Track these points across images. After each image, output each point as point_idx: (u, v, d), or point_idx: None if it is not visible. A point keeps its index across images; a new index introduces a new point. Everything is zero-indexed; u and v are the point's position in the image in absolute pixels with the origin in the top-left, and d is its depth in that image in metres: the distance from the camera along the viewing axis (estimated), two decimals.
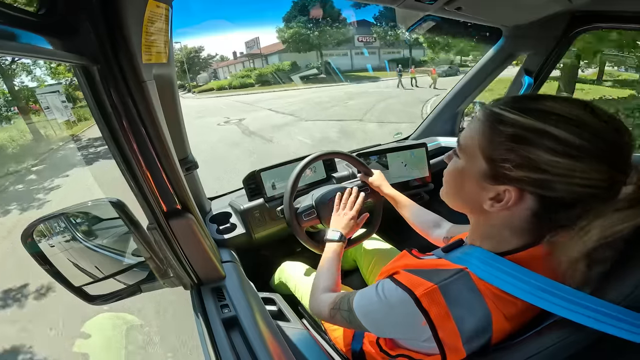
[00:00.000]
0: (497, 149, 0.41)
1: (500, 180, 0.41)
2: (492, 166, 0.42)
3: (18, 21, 0.38)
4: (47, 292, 2.67)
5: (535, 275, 0.41)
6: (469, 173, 0.45)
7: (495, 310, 0.42)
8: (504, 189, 0.41)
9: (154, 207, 0.63)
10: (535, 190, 0.40)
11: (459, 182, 0.47)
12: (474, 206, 0.46)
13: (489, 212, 0.44)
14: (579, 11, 0.96)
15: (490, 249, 0.45)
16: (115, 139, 0.55)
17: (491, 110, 0.43)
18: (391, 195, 0.95)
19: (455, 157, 0.48)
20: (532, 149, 0.38)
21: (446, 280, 0.44)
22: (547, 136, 0.37)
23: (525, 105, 0.40)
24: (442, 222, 0.83)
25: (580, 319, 0.36)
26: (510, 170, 0.40)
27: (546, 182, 0.38)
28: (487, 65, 1.30)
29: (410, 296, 0.44)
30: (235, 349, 0.63)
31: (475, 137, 0.44)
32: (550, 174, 0.38)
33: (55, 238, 0.72)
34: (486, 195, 0.43)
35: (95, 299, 0.73)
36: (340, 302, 0.59)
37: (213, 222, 1.11)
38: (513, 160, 0.39)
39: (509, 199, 0.41)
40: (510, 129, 0.40)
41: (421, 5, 0.87)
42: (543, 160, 0.38)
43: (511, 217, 0.43)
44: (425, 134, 1.55)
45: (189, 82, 28.57)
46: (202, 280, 0.79)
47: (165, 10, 0.55)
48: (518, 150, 0.39)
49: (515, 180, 0.40)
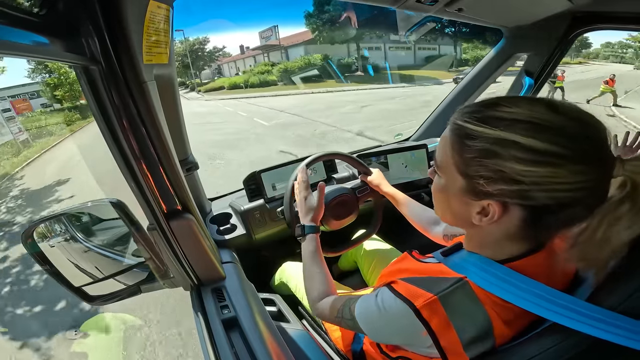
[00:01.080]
0: (470, 165, 0.40)
1: (480, 195, 0.41)
2: (469, 182, 0.41)
3: (19, 21, 0.38)
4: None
5: (534, 282, 0.41)
6: (451, 190, 0.45)
7: (495, 317, 0.42)
8: (487, 203, 0.41)
9: (154, 208, 0.63)
10: (517, 202, 0.39)
11: (445, 199, 0.47)
12: (465, 221, 0.45)
13: (478, 226, 0.43)
14: (580, 12, 0.96)
15: (490, 256, 0.45)
16: (116, 140, 0.55)
17: (457, 124, 0.42)
18: (390, 194, 0.95)
19: (437, 175, 0.47)
20: (502, 162, 0.37)
21: (446, 291, 0.43)
22: (514, 146, 0.36)
23: (488, 114, 0.39)
24: (440, 220, 0.83)
25: (577, 325, 0.36)
26: (487, 186, 0.39)
27: (524, 192, 0.37)
28: (488, 66, 1.30)
29: (410, 307, 0.44)
30: (235, 350, 0.63)
31: (449, 153, 0.43)
32: (525, 184, 0.37)
33: (55, 238, 0.73)
34: (473, 210, 0.43)
35: (95, 299, 0.73)
36: (343, 309, 0.58)
37: (213, 222, 1.11)
38: (487, 176, 0.39)
39: (494, 213, 0.40)
40: (478, 144, 0.39)
41: (422, 6, 0.87)
42: (515, 172, 0.37)
43: (502, 228, 0.42)
44: (426, 135, 1.55)
45: (192, 79, 24.51)
46: (202, 281, 0.79)
47: (166, 11, 0.56)
48: (489, 165, 0.38)
49: (494, 194, 0.39)
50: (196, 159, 0.98)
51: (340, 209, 0.96)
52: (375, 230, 1.06)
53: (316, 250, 0.76)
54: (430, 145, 1.27)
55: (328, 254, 0.98)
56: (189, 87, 24.51)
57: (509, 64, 1.27)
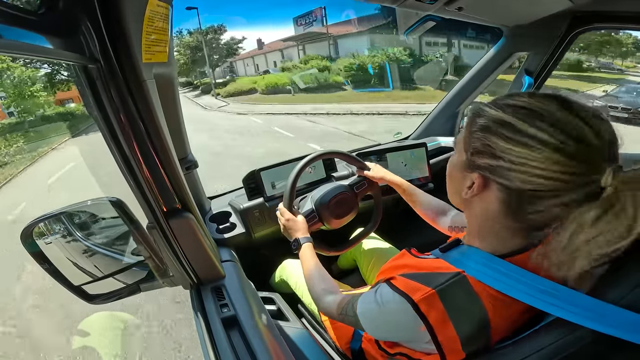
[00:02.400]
0: (472, 138, 0.44)
1: (471, 168, 0.44)
2: (467, 155, 0.45)
3: (18, 20, 0.38)
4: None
5: (534, 276, 0.41)
6: (457, 164, 0.48)
7: (493, 312, 0.43)
8: (475, 176, 0.44)
9: (153, 207, 0.63)
10: (494, 178, 0.41)
11: (452, 175, 0.51)
12: (459, 197, 0.49)
13: (468, 201, 0.47)
14: (580, 11, 0.96)
15: (489, 250, 0.46)
16: (115, 138, 0.55)
17: (477, 106, 0.45)
18: (397, 183, 0.94)
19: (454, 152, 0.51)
20: (492, 137, 0.41)
21: (443, 285, 0.44)
22: (507, 126, 0.40)
23: (505, 101, 0.42)
24: (448, 210, 0.83)
25: (579, 319, 0.36)
26: (476, 157, 0.43)
27: (500, 169, 0.40)
28: (487, 65, 1.30)
29: (408, 301, 0.44)
30: (234, 349, 0.63)
31: (464, 131, 0.47)
32: (504, 161, 0.39)
33: (54, 237, 0.72)
34: (465, 184, 0.46)
35: (95, 298, 0.73)
36: (347, 307, 0.59)
37: (213, 221, 1.11)
38: (477, 148, 0.43)
39: (476, 185, 0.43)
40: (482, 121, 0.43)
41: (422, 5, 0.87)
42: (499, 148, 0.40)
43: (485, 208, 0.45)
44: (425, 134, 1.55)
45: (200, 77, 17.40)
46: (202, 280, 0.79)
47: (166, 10, 0.55)
48: (482, 139, 0.42)
49: (479, 167, 0.43)
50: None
51: (340, 208, 0.96)
52: (375, 226, 1.05)
53: (313, 253, 0.81)
54: (429, 144, 1.27)
55: (329, 253, 0.98)
56: (199, 88, 18.25)
57: (509, 63, 1.27)
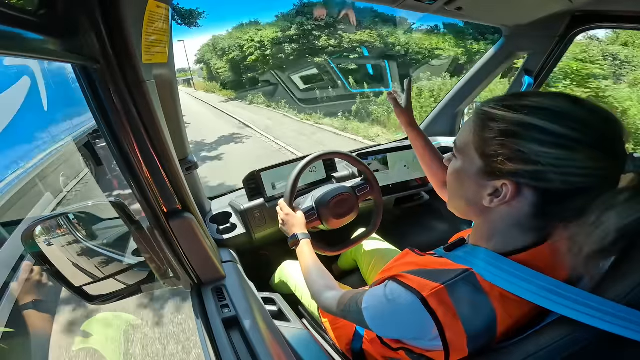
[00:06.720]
0: (490, 144, 0.42)
1: (495, 175, 0.42)
2: (486, 162, 0.43)
3: (17, 21, 0.38)
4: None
5: (540, 275, 0.41)
6: (467, 172, 0.46)
7: (500, 310, 0.43)
8: (501, 184, 0.42)
9: (154, 207, 0.63)
10: (531, 183, 0.40)
11: (459, 182, 0.48)
12: (476, 205, 0.46)
13: (490, 209, 0.44)
14: (580, 11, 0.96)
15: (495, 249, 0.45)
16: (115, 139, 0.55)
17: (482, 110, 0.44)
18: (418, 132, 0.95)
19: (454, 158, 0.49)
20: (522, 142, 0.39)
21: (452, 280, 0.44)
22: (535, 129, 0.39)
23: (513, 103, 0.42)
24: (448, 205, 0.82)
25: (585, 318, 0.36)
26: (504, 164, 0.41)
27: (539, 173, 0.39)
28: (487, 65, 1.30)
29: (417, 297, 0.44)
30: (235, 349, 0.63)
31: (469, 136, 0.45)
32: (541, 165, 0.38)
33: (55, 238, 0.73)
34: (485, 192, 0.44)
35: (95, 299, 0.73)
36: (350, 303, 0.58)
37: (213, 222, 1.11)
38: (505, 154, 0.41)
39: (506, 192, 0.42)
40: (500, 125, 0.41)
41: (421, 5, 0.87)
42: (533, 152, 0.39)
43: (512, 213, 0.43)
44: (426, 134, 1.55)
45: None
46: (202, 280, 0.79)
47: (165, 11, 0.55)
48: (509, 144, 0.40)
49: (509, 173, 0.41)
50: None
51: (340, 208, 0.96)
52: (375, 229, 1.06)
53: (311, 250, 0.81)
54: None
55: (328, 252, 0.98)
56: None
57: (508, 62, 1.27)
